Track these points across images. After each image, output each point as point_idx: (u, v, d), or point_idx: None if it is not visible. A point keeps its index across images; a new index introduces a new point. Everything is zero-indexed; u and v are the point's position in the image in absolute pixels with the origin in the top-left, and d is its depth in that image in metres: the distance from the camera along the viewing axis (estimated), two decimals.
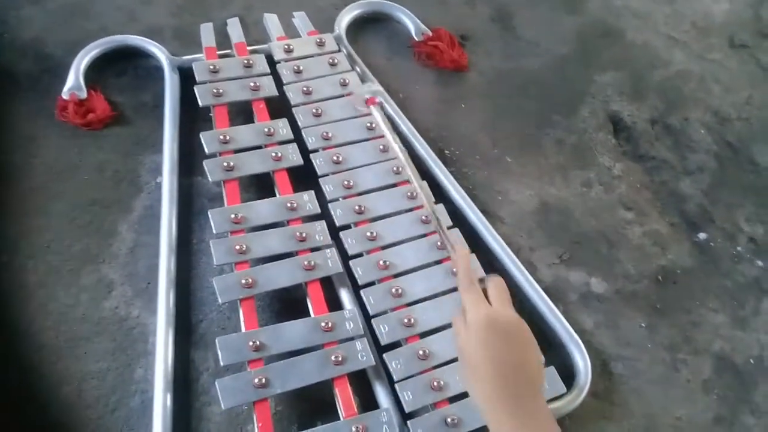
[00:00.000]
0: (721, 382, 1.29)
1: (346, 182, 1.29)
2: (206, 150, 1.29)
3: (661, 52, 1.86)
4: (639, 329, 1.33)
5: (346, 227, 1.26)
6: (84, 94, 1.39)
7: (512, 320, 0.89)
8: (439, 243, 1.25)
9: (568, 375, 1.20)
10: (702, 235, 1.50)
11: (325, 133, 1.35)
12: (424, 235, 1.27)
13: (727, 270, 1.46)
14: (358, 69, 1.52)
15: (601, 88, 1.72)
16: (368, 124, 1.39)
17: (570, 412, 1.16)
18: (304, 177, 1.32)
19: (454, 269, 1.19)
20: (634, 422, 1.21)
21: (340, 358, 1.09)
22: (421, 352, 1.12)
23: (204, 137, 1.29)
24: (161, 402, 1.05)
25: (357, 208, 1.27)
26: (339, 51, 1.53)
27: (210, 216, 1.21)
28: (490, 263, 1.31)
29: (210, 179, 1.26)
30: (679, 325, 1.35)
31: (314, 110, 1.38)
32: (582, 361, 1.22)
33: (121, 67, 1.50)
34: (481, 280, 0.98)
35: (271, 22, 1.56)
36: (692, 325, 1.35)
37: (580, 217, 1.46)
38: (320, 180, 1.30)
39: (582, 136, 1.61)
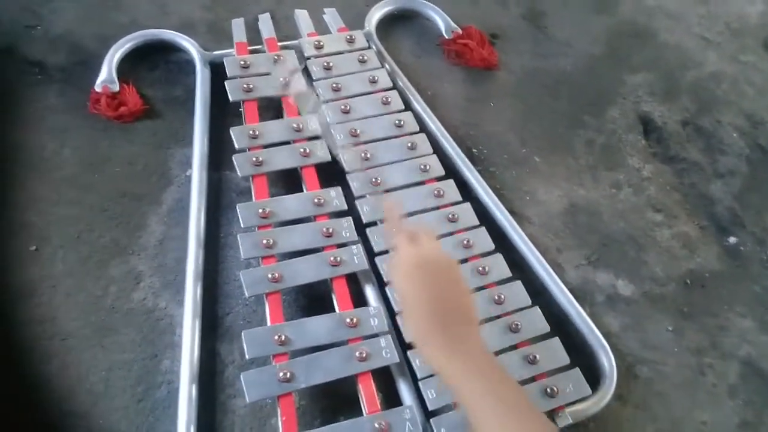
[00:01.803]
0: (747, 388, 1.28)
1: (373, 179, 1.30)
2: (236, 145, 1.30)
3: (693, 53, 1.84)
4: (665, 333, 1.32)
5: (373, 224, 1.26)
6: (116, 87, 1.40)
7: (436, 255, 0.89)
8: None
9: (594, 377, 1.19)
10: (732, 239, 1.48)
11: (353, 130, 1.36)
12: (451, 233, 1.27)
13: (757, 275, 1.44)
14: (387, 66, 1.52)
15: (632, 89, 1.71)
16: (397, 122, 1.39)
17: (594, 414, 1.16)
18: (332, 173, 1.32)
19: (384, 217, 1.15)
20: (658, 426, 1.20)
21: (364, 355, 1.09)
22: None
23: (234, 132, 1.30)
24: (186, 393, 1.06)
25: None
26: (369, 48, 1.53)
27: (238, 210, 1.22)
28: (517, 263, 1.30)
29: (239, 174, 1.27)
30: (706, 329, 1.34)
31: (343, 107, 1.39)
32: (607, 363, 1.21)
33: (153, 61, 1.52)
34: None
35: (302, 18, 1.56)
36: (719, 330, 1.34)
37: (609, 219, 1.45)
38: (347, 176, 1.30)
39: (612, 136, 1.60)
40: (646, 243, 1.43)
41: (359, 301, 1.19)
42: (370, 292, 1.20)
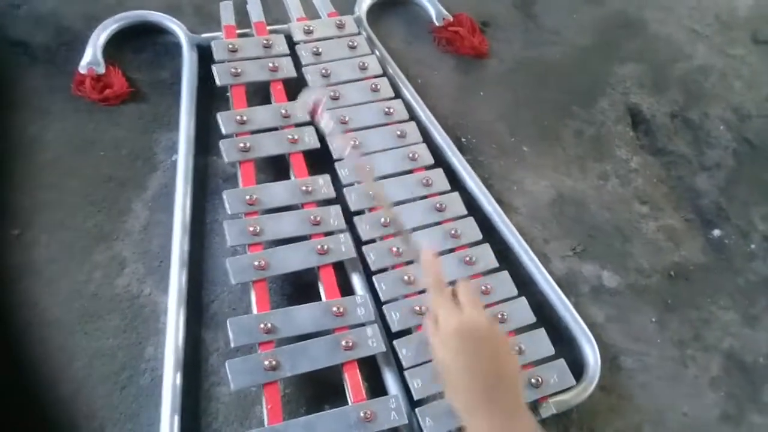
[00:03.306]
0: (729, 380, 1.29)
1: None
2: (223, 130, 1.28)
3: (683, 46, 1.83)
4: (649, 324, 1.32)
5: (360, 212, 1.25)
6: (102, 70, 1.38)
7: (484, 326, 0.86)
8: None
9: (578, 368, 1.20)
10: (716, 232, 1.49)
11: (342, 117, 1.35)
12: (438, 223, 1.27)
13: (740, 268, 1.45)
14: (377, 53, 1.51)
15: (621, 80, 1.71)
16: (386, 109, 1.38)
17: (578, 404, 1.17)
18: (320, 160, 1.32)
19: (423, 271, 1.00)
20: (641, 416, 1.21)
21: (350, 344, 1.09)
22: None
23: (221, 117, 1.29)
24: (171, 381, 1.06)
25: (372, 193, 1.26)
26: (359, 34, 1.52)
27: (225, 196, 1.20)
28: (503, 253, 1.30)
29: (226, 160, 1.26)
30: (689, 321, 1.35)
31: (332, 93, 1.38)
32: (592, 354, 1.22)
33: (139, 43, 1.49)
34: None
35: (292, 2, 1.54)
36: (702, 322, 1.35)
37: (596, 210, 1.45)
38: (336, 164, 1.29)
39: (600, 127, 1.60)
40: (631, 235, 1.44)
41: (346, 289, 1.19)
42: (357, 281, 1.20)
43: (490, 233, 1.31)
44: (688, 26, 1.88)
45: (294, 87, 1.39)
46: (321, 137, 1.32)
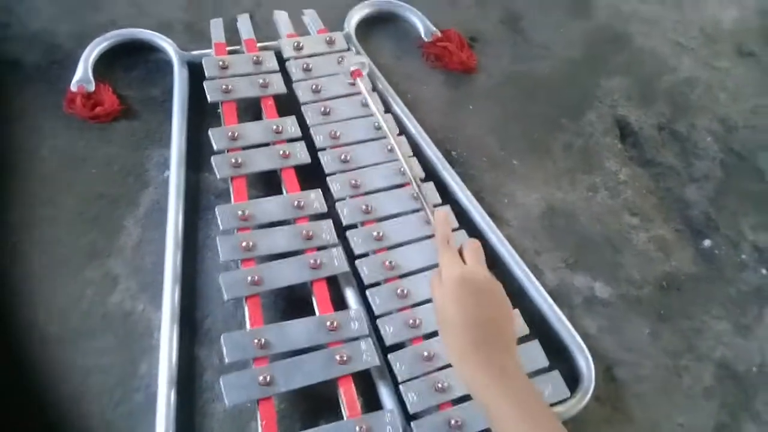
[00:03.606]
0: (722, 390, 1.29)
1: (353, 181, 1.29)
2: (215, 146, 1.28)
3: (668, 59, 1.85)
4: (642, 335, 1.33)
5: (353, 226, 1.25)
6: (92, 87, 1.38)
7: (485, 278, 0.94)
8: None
9: (572, 379, 1.20)
10: (706, 242, 1.50)
11: (333, 132, 1.35)
12: (432, 236, 1.27)
13: (731, 278, 1.45)
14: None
15: (609, 93, 1.72)
16: (376, 124, 1.39)
17: (573, 416, 1.16)
18: (312, 175, 1.32)
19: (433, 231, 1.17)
20: (636, 428, 1.21)
21: (344, 358, 1.08)
22: (426, 354, 1.11)
23: (212, 134, 1.29)
24: (165, 398, 1.05)
25: (364, 207, 1.26)
26: (348, 49, 1.53)
27: (217, 212, 1.20)
28: (495, 266, 1.31)
29: (218, 175, 1.25)
30: (682, 331, 1.35)
31: (323, 108, 1.38)
32: (586, 365, 1.21)
33: (130, 61, 1.50)
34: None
35: (281, 19, 1.55)
36: (695, 332, 1.35)
37: (586, 222, 1.46)
38: (327, 179, 1.30)
39: (589, 140, 1.61)
40: (622, 246, 1.44)
41: (339, 304, 1.18)
42: (350, 295, 1.20)
43: (481, 246, 1.31)
44: (673, 39, 1.90)
45: (284, 103, 1.40)
46: (313, 152, 1.33)
